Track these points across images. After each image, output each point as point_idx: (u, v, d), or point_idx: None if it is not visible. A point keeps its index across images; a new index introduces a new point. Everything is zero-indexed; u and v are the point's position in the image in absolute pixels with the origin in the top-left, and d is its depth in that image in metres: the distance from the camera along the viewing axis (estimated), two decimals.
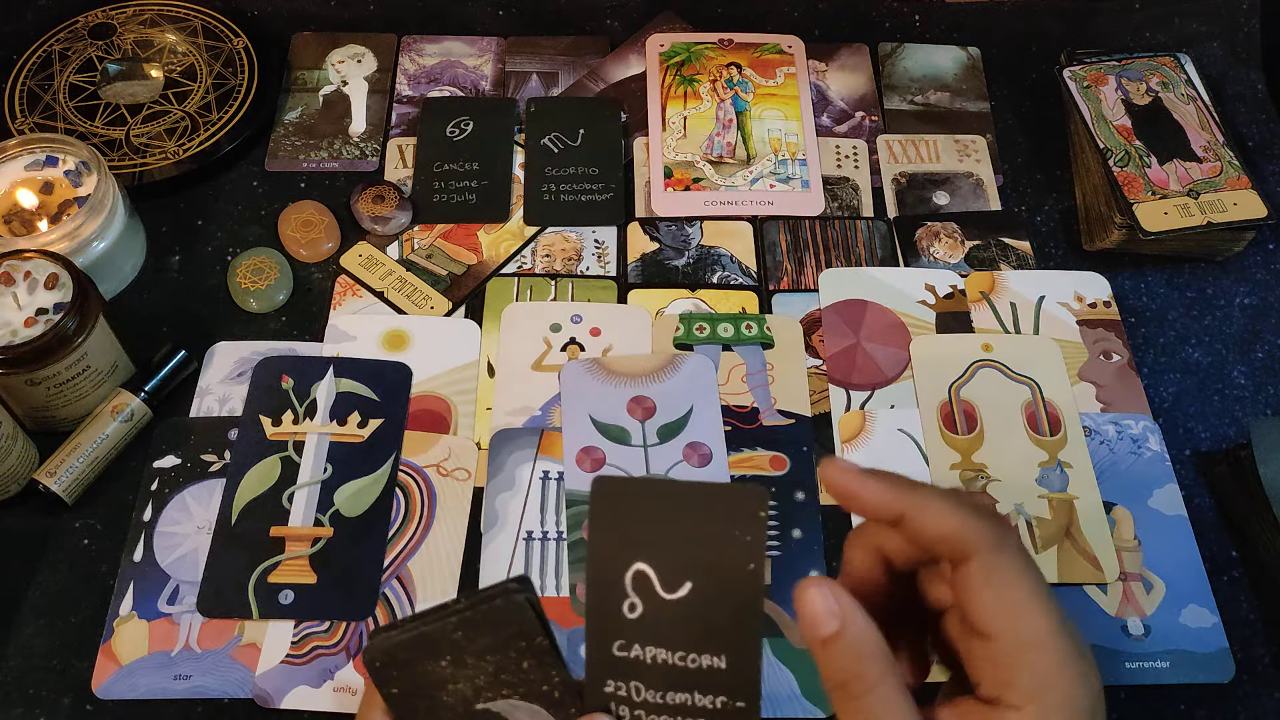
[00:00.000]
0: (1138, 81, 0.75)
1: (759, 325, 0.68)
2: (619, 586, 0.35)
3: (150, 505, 0.60)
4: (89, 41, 0.78)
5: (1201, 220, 0.68)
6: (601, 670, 0.37)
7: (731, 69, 0.80)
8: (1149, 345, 0.69)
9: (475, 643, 0.37)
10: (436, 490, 0.61)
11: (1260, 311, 0.70)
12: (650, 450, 0.62)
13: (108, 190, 0.65)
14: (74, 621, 0.57)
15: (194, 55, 0.78)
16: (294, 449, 0.62)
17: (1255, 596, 0.59)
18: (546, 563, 0.59)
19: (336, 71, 0.79)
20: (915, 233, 0.73)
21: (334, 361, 0.65)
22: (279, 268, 0.68)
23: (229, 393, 0.64)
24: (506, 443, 0.63)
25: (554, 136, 0.76)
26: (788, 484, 0.62)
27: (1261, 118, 0.80)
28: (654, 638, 0.35)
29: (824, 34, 0.83)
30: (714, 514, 0.34)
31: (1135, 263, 0.72)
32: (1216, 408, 0.66)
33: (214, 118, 0.74)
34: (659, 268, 0.70)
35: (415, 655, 0.37)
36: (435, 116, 0.77)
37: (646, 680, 0.36)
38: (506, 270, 0.70)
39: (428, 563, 0.59)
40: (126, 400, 0.61)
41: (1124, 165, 0.71)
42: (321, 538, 0.59)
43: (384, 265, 0.70)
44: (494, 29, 0.83)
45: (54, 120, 0.74)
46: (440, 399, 0.64)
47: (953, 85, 0.81)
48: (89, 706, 0.54)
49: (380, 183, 0.73)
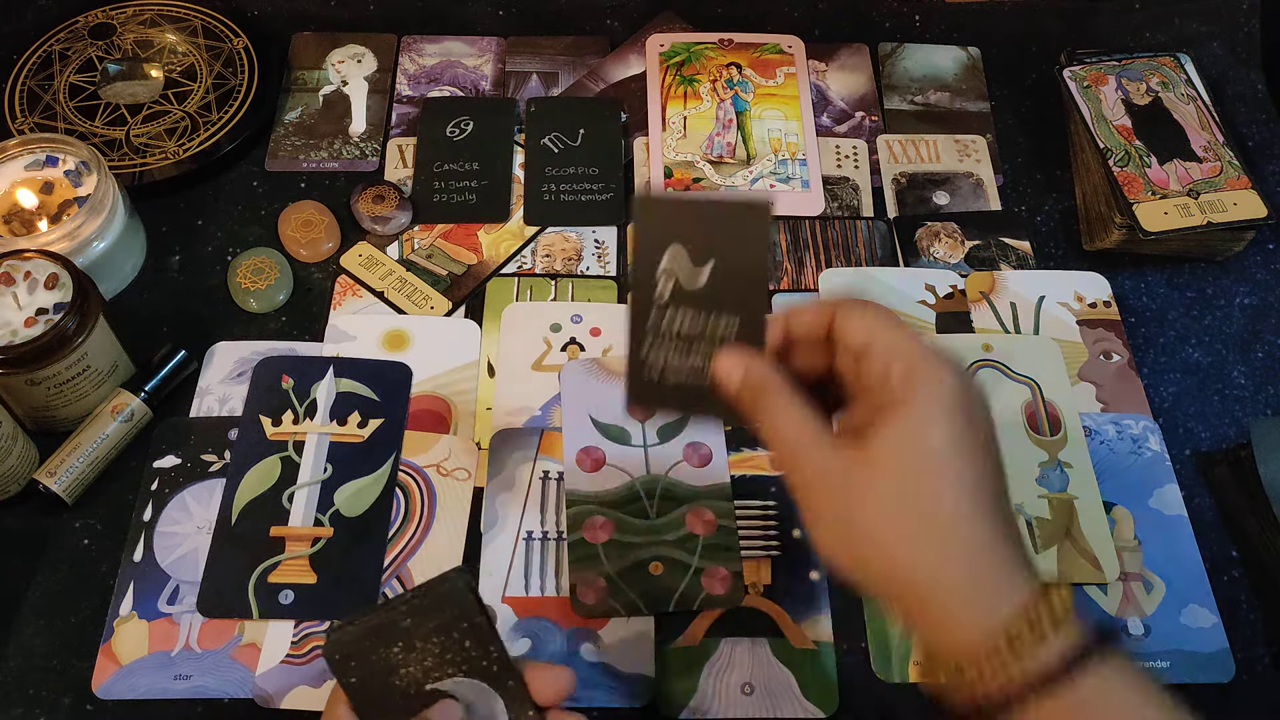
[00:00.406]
0: (1138, 81, 0.75)
1: None
2: (655, 271, 0.45)
3: (150, 505, 0.60)
4: (89, 41, 0.78)
5: (1201, 220, 0.68)
6: (641, 340, 0.46)
7: (731, 69, 0.80)
8: (1149, 345, 0.69)
9: (422, 627, 0.42)
10: (436, 490, 0.61)
11: (1260, 311, 0.70)
12: (650, 450, 0.62)
13: (108, 190, 0.65)
14: (74, 621, 0.57)
15: (194, 55, 0.78)
16: (294, 449, 0.62)
17: (1255, 596, 0.59)
18: (546, 563, 0.59)
19: (336, 71, 0.79)
20: (915, 233, 0.73)
21: (334, 361, 0.65)
22: (279, 268, 0.68)
23: (229, 393, 0.64)
24: (506, 443, 0.62)
25: (554, 136, 0.76)
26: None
27: (1261, 118, 0.80)
28: (686, 303, 0.45)
29: (824, 34, 0.83)
30: (730, 214, 0.45)
31: (1135, 263, 0.72)
32: (1216, 408, 0.66)
33: (214, 118, 0.74)
34: None
35: (370, 645, 0.42)
36: (435, 116, 0.77)
37: (676, 342, 0.46)
38: (506, 270, 0.70)
39: (428, 563, 0.59)
40: (126, 400, 0.61)
41: (1124, 165, 0.71)
42: (321, 538, 0.59)
43: (384, 265, 0.70)
44: (494, 29, 0.83)
45: (54, 120, 0.74)
46: (440, 399, 0.64)
47: (953, 85, 0.81)
48: (89, 706, 0.54)
49: (380, 183, 0.73)
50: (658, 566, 0.58)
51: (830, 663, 0.56)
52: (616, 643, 0.56)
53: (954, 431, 0.40)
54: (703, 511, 0.60)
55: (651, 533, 0.59)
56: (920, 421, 0.40)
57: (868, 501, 0.40)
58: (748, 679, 0.56)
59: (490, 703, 0.44)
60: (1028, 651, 0.38)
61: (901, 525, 0.40)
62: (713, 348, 0.46)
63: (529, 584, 0.58)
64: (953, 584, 0.39)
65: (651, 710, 0.55)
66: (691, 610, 0.57)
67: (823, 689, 0.55)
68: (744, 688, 0.55)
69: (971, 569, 0.39)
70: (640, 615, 0.57)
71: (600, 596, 0.57)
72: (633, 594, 0.57)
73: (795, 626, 0.57)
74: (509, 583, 0.58)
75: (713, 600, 0.57)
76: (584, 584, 0.58)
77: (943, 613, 0.40)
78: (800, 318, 0.45)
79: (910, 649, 0.57)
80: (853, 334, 0.43)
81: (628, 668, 0.56)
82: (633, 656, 0.56)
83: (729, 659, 0.56)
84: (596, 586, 0.57)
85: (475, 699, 0.44)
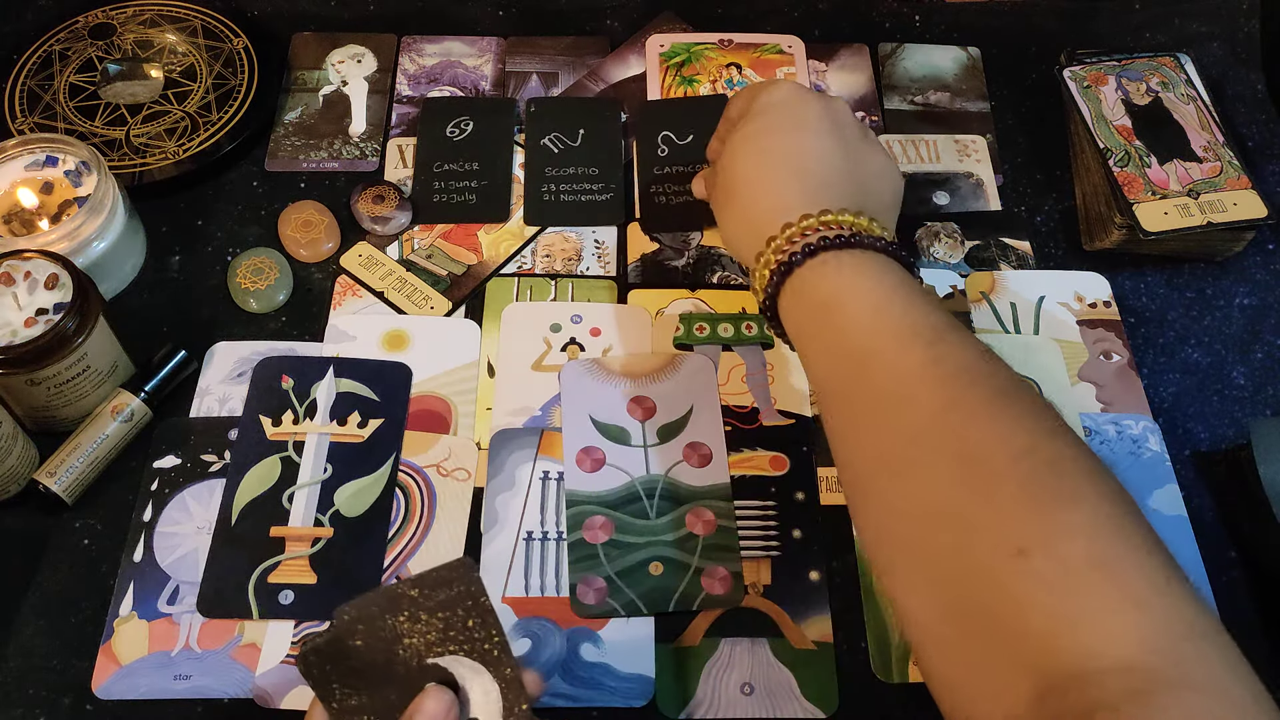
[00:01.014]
0: (1138, 81, 0.75)
1: (759, 325, 0.68)
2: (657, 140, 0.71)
3: (150, 505, 0.60)
4: (89, 41, 0.78)
5: (1201, 220, 0.68)
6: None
7: (732, 69, 0.80)
8: (1149, 345, 0.69)
9: (430, 599, 0.43)
10: (436, 490, 0.61)
11: (1260, 311, 0.70)
12: (650, 450, 0.62)
13: (108, 190, 0.65)
14: (74, 621, 0.57)
15: (194, 55, 0.78)
16: (294, 449, 0.62)
17: (1255, 597, 0.59)
18: (546, 563, 0.59)
19: (336, 71, 0.79)
20: (915, 233, 0.73)
21: (334, 361, 0.65)
22: (279, 268, 0.68)
23: (229, 393, 0.64)
24: (506, 443, 0.63)
25: (554, 136, 0.76)
26: (788, 484, 0.62)
27: (1261, 118, 0.80)
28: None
29: (824, 34, 0.83)
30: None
31: (1135, 263, 0.72)
32: (1216, 408, 0.66)
33: (214, 118, 0.74)
34: (659, 268, 0.70)
35: (377, 610, 0.43)
36: (435, 116, 0.77)
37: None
38: (506, 270, 0.70)
39: (428, 563, 0.59)
40: (126, 400, 0.61)
41: (1124, 165, 0.71)
42: (321, 538, 0.59)
43: (384, 265, 0.70)
44: (494, 29, 0.83)
45: (54, 120, 0.74)
46: (440, 399, 0.64)
47: (953, 85, 0.81)
48: (89, 706, 0.54)
49: (380, 183, 0.73)
50: (658, 566, 0.58)
51: (830, 663, 0.56)
52: (616, 643, 0.56)
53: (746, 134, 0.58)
54: (703, 511, 0.60)
55: (651, 533, 0.59)
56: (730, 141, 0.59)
57: (715, 197, 0.61)
58: (748, 679, 0.56)
59: (485, 687, 0.44)
60: (778, 252, 0.53)
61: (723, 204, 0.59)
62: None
63: (529, 584, 0.58)
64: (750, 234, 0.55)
65: (651, 710, 0.55)
66: (691, 610, 0.57)
67: (823, 689, 0.56)
68: (744, 688, 0.55)
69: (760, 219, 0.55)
70: (640, 615, 0.57)
71: (600, 596, 0.57)
72: (633, 594, 0.57)
73: (795, 626, 0.57)
74: (509, 583, 0.58)
75: (713, 600, 0.57)
76: (584, 584, 0.58)
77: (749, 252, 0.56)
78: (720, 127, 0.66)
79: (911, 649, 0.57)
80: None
81: (628, 668, 0.56)
82: (633, 656, 0.56)
83: (729, 659, 0.56)
84: (596, 586, 0.57)
85: (471, 681, 0.44)
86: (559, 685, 0.55)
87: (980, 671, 0.41)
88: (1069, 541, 0.40)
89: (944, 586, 0.43)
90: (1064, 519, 0.41)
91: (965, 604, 0.42)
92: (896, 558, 0.46)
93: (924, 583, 0.44)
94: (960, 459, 0.44)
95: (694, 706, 0.55)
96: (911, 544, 0.45)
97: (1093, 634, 0.38)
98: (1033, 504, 0.42)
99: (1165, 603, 0.39)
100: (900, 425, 0.46)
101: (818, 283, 0.51)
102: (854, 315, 0.49)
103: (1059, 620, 0.39)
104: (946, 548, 0.43)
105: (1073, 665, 0.38)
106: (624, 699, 0.55)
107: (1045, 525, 0.41)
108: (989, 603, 0.41)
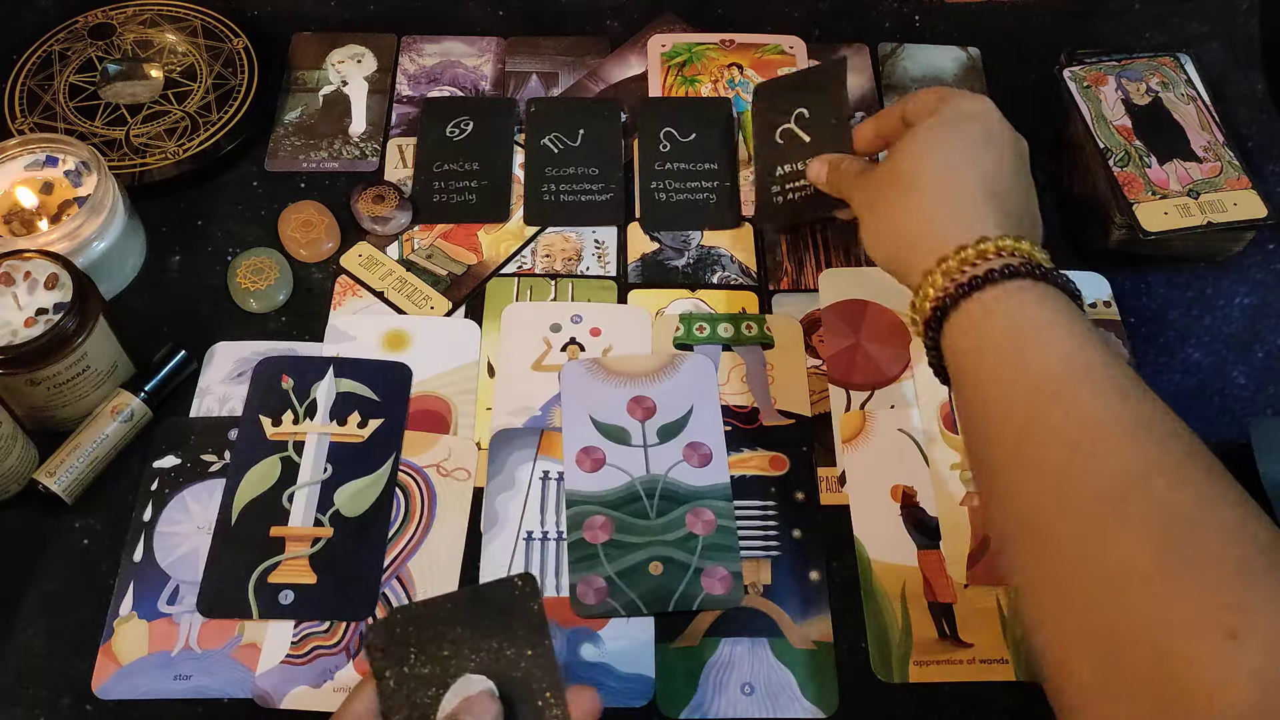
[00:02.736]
0: (1138, 81, 0.75)
1: (759, 325, 0.68)
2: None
3: (150, 505, 0.60)
4: (89, 41, 0.78)
5: (1201, 220, 0.68)
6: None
7: (733, 69, 0.80)
8: (1149, 345, 0.69)
9: (485, 627, 0.44)
10: (436, 490, 0.61)
11: (1260, 311, 0.70)
12: (650, 450, 0.62)
13: (108, 190, 0.65)
14: (74, 621, 0.57)
15: (194, 55, 0.78)
16: (294, 449, 0.62)
17: None
18: (546, 563, 0.59)
19: (336, 71, 0.79)
20: None
21: (334, 361, 0.65)
22: (279, 268, 0.68)
23: (229, 393, 0.64)
24: (506, 443, 0.63)
25: (554, 136, 0.76)
26: (788, 484, 0.62)
27: (1262, 118, 0.80)
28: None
29: (824, 34, 0.83)
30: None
31: (1135, 263, 0.72)
32: (1216, 408, 0.66)
33: (214, 118, 0.74)
34: (659, 268, 0.70)
35: (432, 618, 0.44)
36: (435, 116, 0.77)
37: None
38: (506, 270, 0.70)
39: (428, 563, 0.59)
40: (126, 400, 0.61)
41: (1124, 165, 0.71)
42: (321, 538, 0.59)
43: (384, 265, 0.70)
44: (494, 29, 0.83)
45: (54, 120, 0.74)
46: (440, 399, 0.64)
47: (953, 85, 0.81)
48: (89, 706, 0.54)
49: (380, 183, 0.73)
50: (658, 566, 0.58)
51: (830, 663, 0.56)
52: (617, 643, 0.56)
53: (937, 137, 0.55)
54: (703, 511, 0.60)
55: (651, 533, 0.59)
56: (913, 136, 0.56)
57: (876, 190, 0.57)
58: (748, 679, 0.56)
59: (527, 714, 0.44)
60: (954, 272, 0.50)
61: (888, 200, 0.55)
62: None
63: None
64: (920, 242, 0.52)
65: (651, 710, 0.55)
66: (691, 610, 0.57)
67: (823, 689, 0.56)
68: (744, 688, 0.55)
69: (934, 230, 0.52)
70: (640, 615, 0.57)
71: (600, 596, 0.57)
72: (633, 594, 0.57)
73: (795, 626, 0.57)
74: None
75: (713, 600, 0.57)
76: (584, 584, 0.58)
77: (912, 262, 0.53)
78: (882, 119, 0.63)
79: (910, 649, 0.57)
80: (912, 102, 0.59)
81: (628, 668, 0.56)
82: (633, 656, 0.56)
83: (729, 659, 0.56)
84: (596, 586, 0.57)
85: (510, 707, 0.44)
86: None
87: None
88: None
89: (1128, 655, 0.39)
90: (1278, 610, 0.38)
91: (1152, 677, 0.38)
92: (1070, 616, 0.42)
93: (1101, 647, 0.40)
94: (1165, 525, 0.40)
95: (694, 706, 0.55)
96: (1096, 605, 0.41)
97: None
98: (1246, 587, 0.38)
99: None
100: (1099, 479, 0.42)
101: (1004, 313, 0.48)
102: (1053, 353, 0.46)
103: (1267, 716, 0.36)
104: (1143, 617, 0.39)
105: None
106: (624, 699, 0.55)
107: (1260, 613, 0.37)
108: (1185, 680, 0.37)
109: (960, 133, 0.55)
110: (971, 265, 0.49)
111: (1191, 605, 0.38)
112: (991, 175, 0.54)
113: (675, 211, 0.73)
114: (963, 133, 0.55)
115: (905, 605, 0.58)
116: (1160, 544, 0.40)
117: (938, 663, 0.56)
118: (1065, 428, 0.44)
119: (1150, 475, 0.42)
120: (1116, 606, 0.40)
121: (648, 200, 0.73)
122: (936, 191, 0.53)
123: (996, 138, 0.56)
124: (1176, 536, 0.40)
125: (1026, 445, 0.45)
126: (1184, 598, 0.38)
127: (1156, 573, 0.39)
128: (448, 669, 0.44)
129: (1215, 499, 0.41)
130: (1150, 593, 0.39)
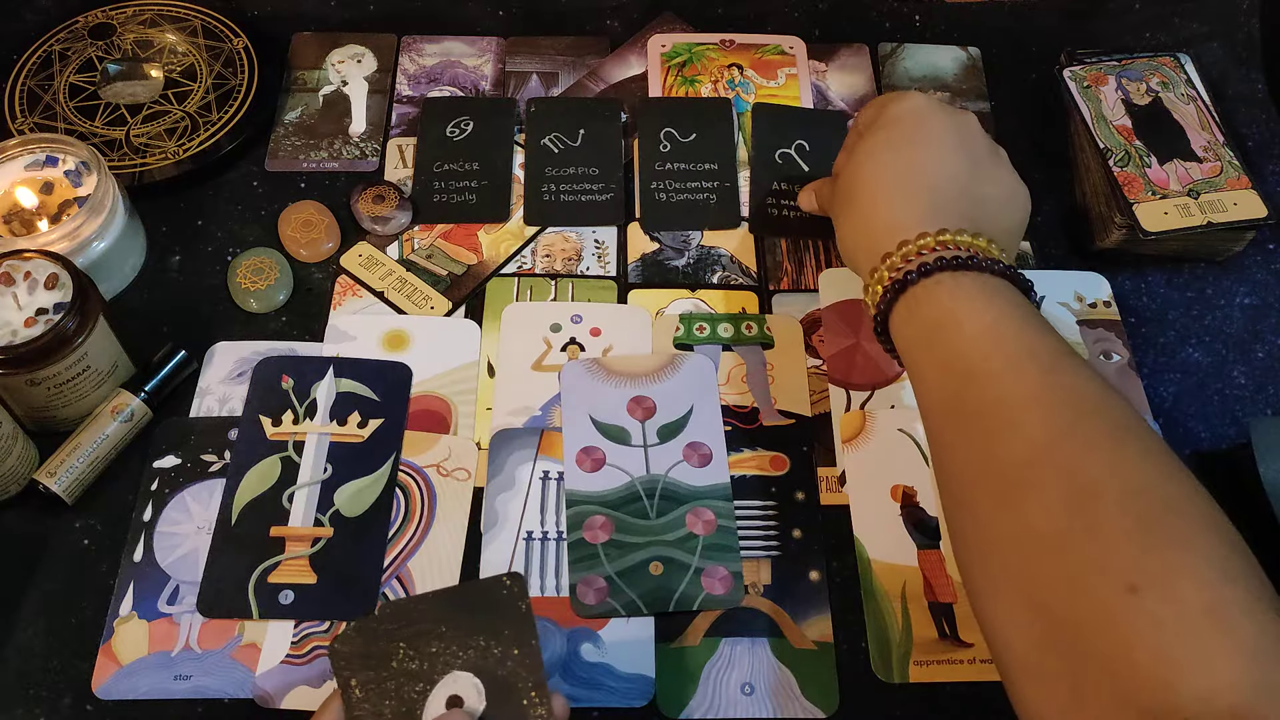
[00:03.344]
0: (1138, 81, 0.75)
1: (759, 325, 0.68)
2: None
3: (150, 505, 0.60)
4: (89, 41, 0.78)
5: (1201, 220, 0.68)
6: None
7: (733, 69, 0.80)
8: (1149, 345, 0.69)
9: (470, 624, 0.45)
10: (436, 490, 0.61)
11: (1260, 311, 0.70)
12: (650, 450, 0.62)
13: (108, 190, 0.65)
14: (74, 621, 0.57)
15: (194, 55, 0.78)
16: (294, 449, 0.62)
17: None
18: (546, 563, 0.59)
19: (336, 71, 0.79)
20: None
21: (334, 361, 0.65)
22: (279, 268, 0.68)
23: (229, 393, 0.64)
24: (506, 443, 0.63)
25: (554, 136, 0.76)
26: (788, 484, 0.62)
27: (1262, 118, 0.80)
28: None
29: (824, 34, 0.83)
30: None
31: (1135, 263, 0.72)
32: (1216, 408, 0.66)
33: (214, 118, 0.74)
34: (659, 268, 0.70)
35: (420, 614, 0.45)
36: (435, 116, 0.77)
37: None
38: (506, 270, 0.70)
39: (428, 563, 0.59)
40: (126, 400, 0.61)
41: (1124, 165, 0.71)
42: (321, 538, 0.59)
43: (384, 265, 0.70)
44: (494, 29, 0.83)
45: (54, 120, 0.74)
46: (440, 399, 0.64)
47: (953, 85, 0.81)
48: (89, 706, 0.54)
49: (380, 183, 0.73)
50: (658, 566, 0.58)
51: (830, 663, 0.56)
52: (616, 643, 0.56)
53: (870, 146, 0.58)
54: (703, 511, 0.60)
55: (651, 533, 0.59)
56: (852, 152, 0.59)
57: (834, 206, 0.61)
58: (748, 679, 0.56)
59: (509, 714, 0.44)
60: (893, 270, 0.53)
61: (842, 215, 0.59)
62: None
63: (529, 584, 0.58)
64: (867, 245, 0.56)
65: (651, 710, 0.55)
66: (691, 610, 0.57)
67: (823, 689, 0.56)
68: (744, 688, 0.55)
69: (875, 233, 0.55)
70: (640, 615, 0.57)
71: (600, 596, 0.57)
72: (633, 594, 0.57)
73: (795, 626, 0.57)
74: None
75: (713, 600, 0.57)
76: (584, 584, 0.58)
77: (865, 265, 0.56)
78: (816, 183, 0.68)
79: (910, 649, 0.57)
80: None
81: (628, 668, 0.56)
82: (633, 656, 0.56)
83: (729, 659, 0.56)
84: (596, 586, 0.57)
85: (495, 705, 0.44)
86: (559, 685, 0.55)
87: (1080, 704, 0.40)
88: (1182, 584, 0.39)
89: (1045, 616, 0.42)
90: (1178, 560, 0.40)
91: (1068, 635, 0.41)
92: (995, 583, 0.45)
93: (1023, 610, 0.43)
94: (1072, 489, 0.43)
95: (694, 706, 0.55)
96: (1013, 570, 0.44)
97: (1204, 678, 0.37)
98: (1147, 542, 0.41)
99: (1278, 653, 0.38)
100: (1011, 449, 0.45)
101: (931, 302, 0.51)
102: (968, 335, 0.49)
103: (1169, 661, 0.38)
104: (1051, 577, 0.42)
105: (1181, 707, 0.37)
106: (624, 699, 0.55)
107: (1158, 565, 0.40)
108: (1094, 637, 0.40)
109: (891, 137, 0.58)
110: (906, 262, 0.52)
111: (1094, 563, 0.41)
112: (925, 170, 0.56)
113: (675, 211, 0.73)
114: (893, 136, 0.58)
115: (905, 605, 0.58)
116: (1067, 507, 0.43)
117: (938, 663, 0.56)
118: (981, 405, 0.47)
119: (1058, 442, 0.44)
120: (1031, 569, 0.43)
121: (648, 200, 0.73)
122: (873, 198, 0.57)
123: (927, 131, 0.57)
124: (1081, 499, 0.42)
125: (950, 423, 0.49)
126: (1088, 558, 0.41)
127: (1064, 533, 0.42)
128: (435, 665, 0.44)
129: (1121, 462, 0.43)
130: (1058, 554, 0.42)
